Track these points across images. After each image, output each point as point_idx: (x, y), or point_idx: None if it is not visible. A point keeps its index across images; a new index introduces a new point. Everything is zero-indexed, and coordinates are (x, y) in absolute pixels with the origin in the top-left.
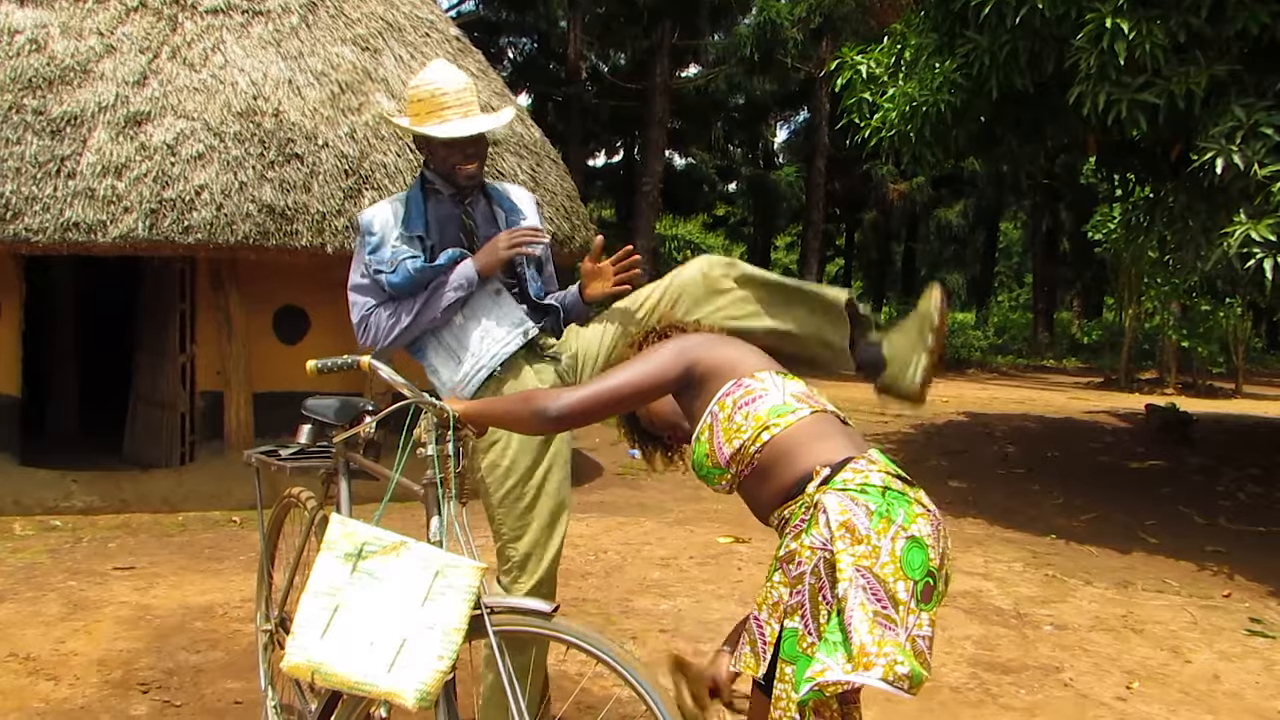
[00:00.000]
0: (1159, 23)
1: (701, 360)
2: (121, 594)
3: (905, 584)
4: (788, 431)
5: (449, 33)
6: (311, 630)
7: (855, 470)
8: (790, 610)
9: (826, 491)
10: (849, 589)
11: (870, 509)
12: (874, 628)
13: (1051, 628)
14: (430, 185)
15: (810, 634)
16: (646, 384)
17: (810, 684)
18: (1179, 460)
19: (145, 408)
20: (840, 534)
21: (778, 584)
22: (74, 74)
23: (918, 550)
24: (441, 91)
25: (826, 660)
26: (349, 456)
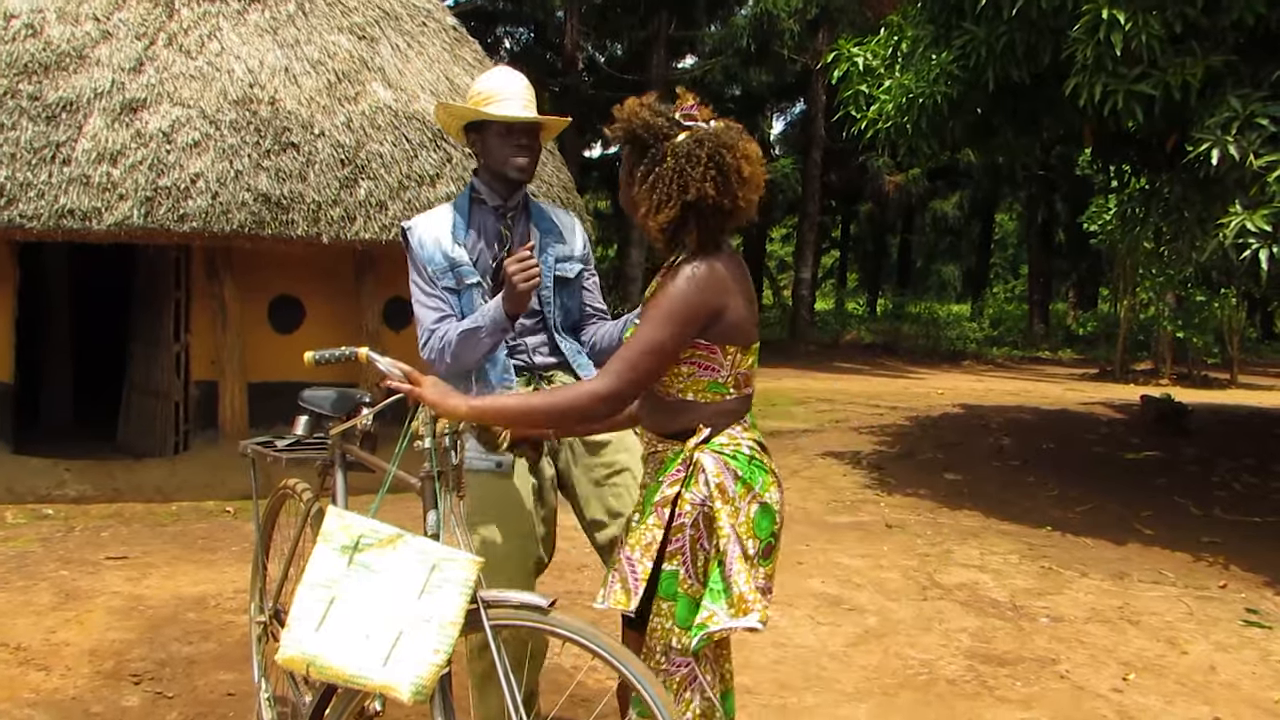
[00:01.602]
0: (1155, 14)
1: (720, 314)
2: (114, 584)
3: (754, 542)
4: (703, 400)
5: (446, 22)
6: (307, 622)
7: (730, 436)
8: (670, 555)
9: (705, 452)
10: (728, 545)
11: (737, 475)
12: (749, 579)
13: (1048, 620)
14: (477, 195)
15: (690, 577)
16: (686, 329)
17: (702, 631)
18: (1174, 451)
19: (139, 397)
20: (716, 494)
21: (651, 526)
22: (70, 60)
23: (766, 516)
24: (502, 85)
25: (712, 607)
26: (345, 448)
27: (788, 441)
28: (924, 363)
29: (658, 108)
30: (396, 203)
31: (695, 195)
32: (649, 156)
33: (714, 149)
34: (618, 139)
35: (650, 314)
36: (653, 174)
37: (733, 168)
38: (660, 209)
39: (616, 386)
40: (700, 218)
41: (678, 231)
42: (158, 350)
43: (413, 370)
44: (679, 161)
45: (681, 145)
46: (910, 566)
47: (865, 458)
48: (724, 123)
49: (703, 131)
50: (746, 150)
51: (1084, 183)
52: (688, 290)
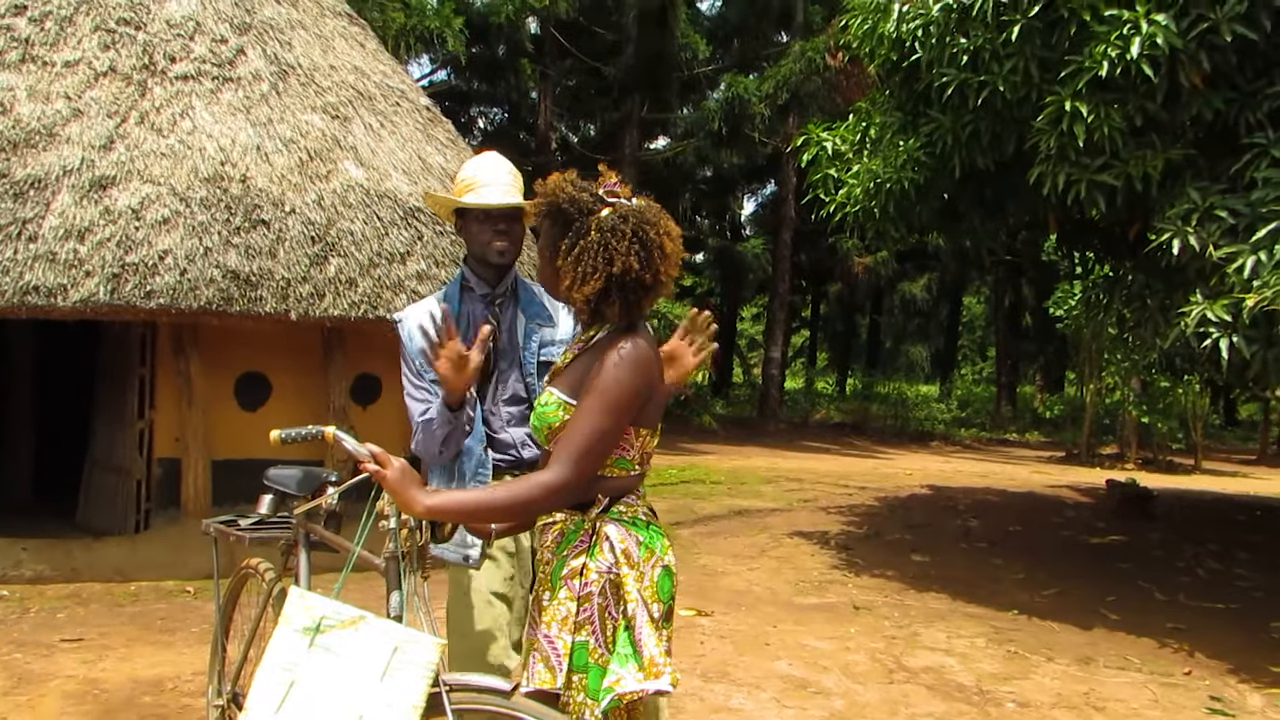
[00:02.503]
0: (1117, 107)
1: (654, 393)
2: (69, 667)
3: (659, 605)
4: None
5: (419, 102)
6: (265, 706)
7: (628, 504)
8: (579, 625)
9: (607, 521)
10: (636, 609)
11: (640, 540)
12: (659, 641)
13: (1014, 705)
14: (466, 283)
15: (600, 646)
16: (629, 415)
17: (610, 694)
18: (1140, 536)
19: (101, 474)
20: (621, 559)
21: (564, 600)
22: (39, 137)
23: (667, 579)
24: (481, 172)
25: (620, 671)
26: (309, 528)
27: (756, 520)
28: (892, 443)
29: (580, 184)
30: (366, 280)
31: (620, 268)
32: (574, 230)
33: (638, 224)
34: (540, 213)
35: (595, 402)
36: (578, 246)
37: (655, 243)
38: (586, 280)
39: (567, 478)
40: (623, 291)
41: (600, 304)
42: (121, 427)
43: (381, 451)
44: (604, 235)
45: (606, 220)
46: (877, 649)
47: (833, 538)
48: (645, 200)
49: (626, 208)
50: (668, 227)
51: (1050, 268)
52: (628, 376)
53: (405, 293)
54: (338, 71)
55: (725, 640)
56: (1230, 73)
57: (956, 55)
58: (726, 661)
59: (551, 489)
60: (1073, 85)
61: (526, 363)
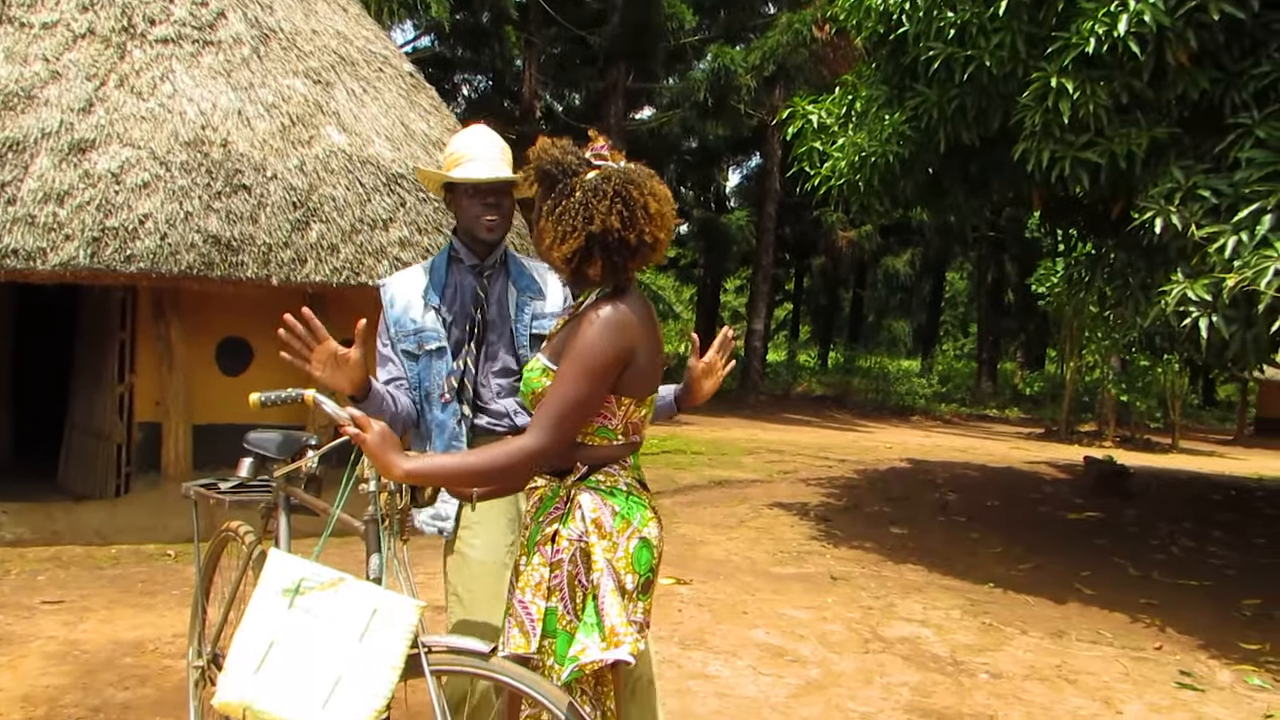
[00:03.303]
0: (1102, 84)
1: (632, 362)
2: (49, 628)
3: (633, 577)
4: (589, 443)
5: (402, 68)
6: (245, 666)
7: (607, 474)
8: (551, 591)
9: (583, 489)
10: (601, 579)
11: (615, 510)
12: (621, 611)
13: (987, 676)
14: (455, 254)
15: (568, 613)
16: (605, 380)
17: (573, 664)
18: (1115, 512)
19: (81, 437)
20: (592, 529)
21: (538, 565)
22: (17, 100)
23: (645, 550)
24: (469, 145)
25: (584, 640)
26: (289, 491)
27: (736, 491)
28: (873, 416)
29: (568, 147)
30: (348, 246)
31: (600, 227)
32: (557, 190)
33: (621, 184)
34: (529, 177)
35: (571, 368)
36: (560, 207)
37: (639, 203)
38: (565, 240)
39: (542, 444)
40: (605, 251)
41: (581, 264)
42: (101, 391)
43: (361, 415)
44: (586, 195)
45: (590, 181)
46: (854, 619)
47: (813, 509)
48: (633, 164)
49: (611, 169)
50: (654, 189)
51: (1033, 245)
52: (602, 342)
53: (387, 259)
54: (320, 36)
55: (703, 608)
56: (1217, 51)
57: (944, 29)
58: (704, 629)
59: (527, 453)
60: (1059, 61)
61: (519, 335)
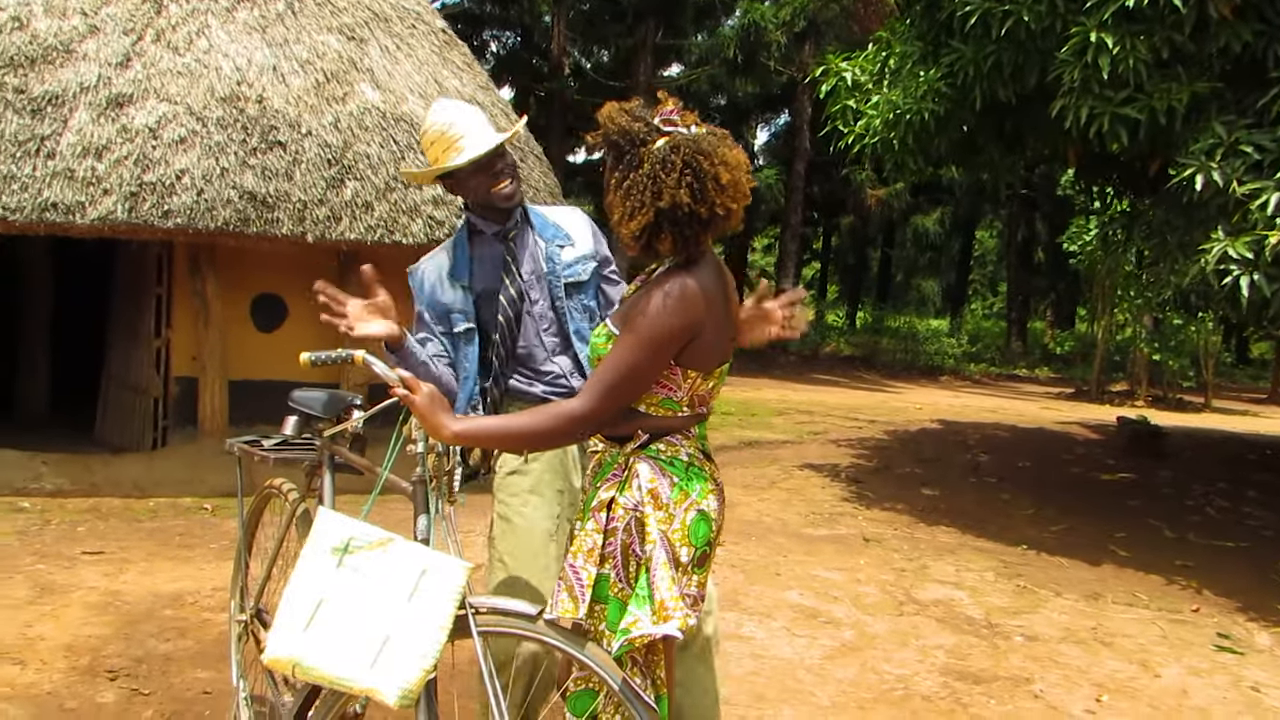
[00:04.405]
0: (1143, 38)
1: (698, 335)
2: (90, 579)
3: (688, 550)
4: (653, 413)
5: (435, 24)
6: (294, 623)
7: (668, 443)
8: (604, 557)
9: (641, 457)
10: (654, 550)
11: (674, 481)
12: (672, 585)
13: (1022, 638)
14: (474, 227)
15: (620, 581)
16: (664, 352)
17: (624, 636)
18: (1149, 473)
19: (118, 391)
20: (647, 499)
21: (591, 531)
22: (56, 53)
23: (703, 523)
24: (450, 123)
25: (636, 613)
26: (334, 450)
27: (767, 452)
28: (902, 376)
29: (637, 113)
30: (382, 204)
31: (669, 202)
32: (624, 162)
33: (690, 155)
34: (597, 145)
35: (629, 337)
36: (627, 180)
37: (709, 174)
38: (633, 216)
39: (594, 409)
40: (675, 225)
41: (651, 239)
42: (137, 345)
43: (410, 376)
44: (654, 167)
45: (658, 151)
46: (887, 581)
47: (844, 470)
48: (705, 128)
49: (681, 137)
50: (726, 156)
51: (1064, 203)
52: (664, 315)
53: (421, 217)
54: None
55: (736, 569)
56: (1260, 4)
57: None
58: (738, 590)
59: (574, 418)
60: (1099, 16)
61: (555, 288)
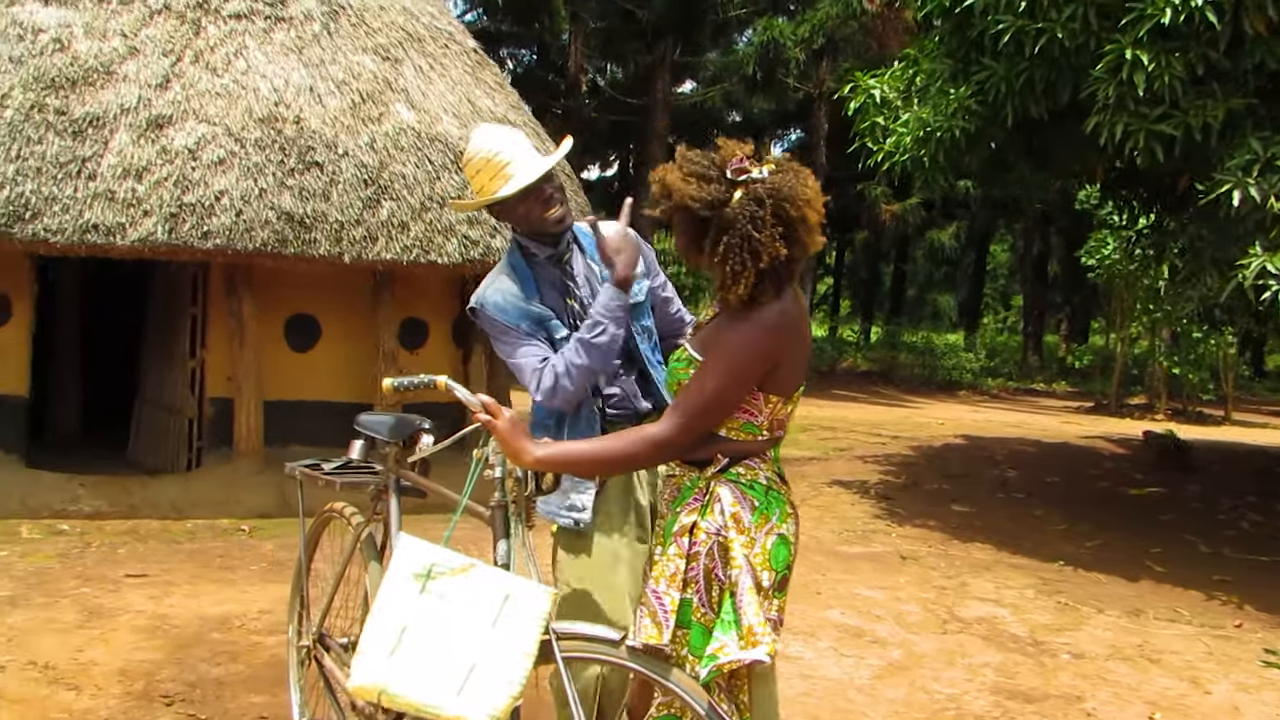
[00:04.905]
0: (1178, 55)
1: (781, 362)
2: (136, 602)
3: (770, 574)
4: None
5: (467, 44)
6: (379, 650)
7: (748, 466)
8: (686, 583)
9: (722, 481)
10: (740, 576)
11: (754, 505)
12: (758, 610)
13: (1069, 656)
14: (528, 251)
15: (703, 606)
16: (749, 381)
17: (712, 663)
18: (1177, 487)
19: (152, 411)
20: (731, 524)
21: (673, 556)
22: (97, 75)
23: (783, 547)
24: (496, 150)
25: (723, 638)
26: (400, 473)
27: (794, 469)
28: (920, 391)
29: (701, 165)
30: (418, 224)
31: (768, 260)
32: (712, 228)
33: (776, 204)
34: (667, 214)
35: (715, 364)
36: (720, 245)
37: (798, 219)
38: (737, 279)
39: (677, 436)
40: (774, 276)
41: (755, 294)
42: (172, 366)
43: (491, 401)
44: (743, 226)
45: (743, 209)
46: (928, 599)
47: (872, 487)
48: (773, 163)
49: (759, 188)
50: (807, 194)
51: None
52: (752, 344)
53: (456, 237)
54: (387, 12)
55: None
56: None
57: (1014, 1)
58: None
59: (657, 444)
60: (1134, 33)
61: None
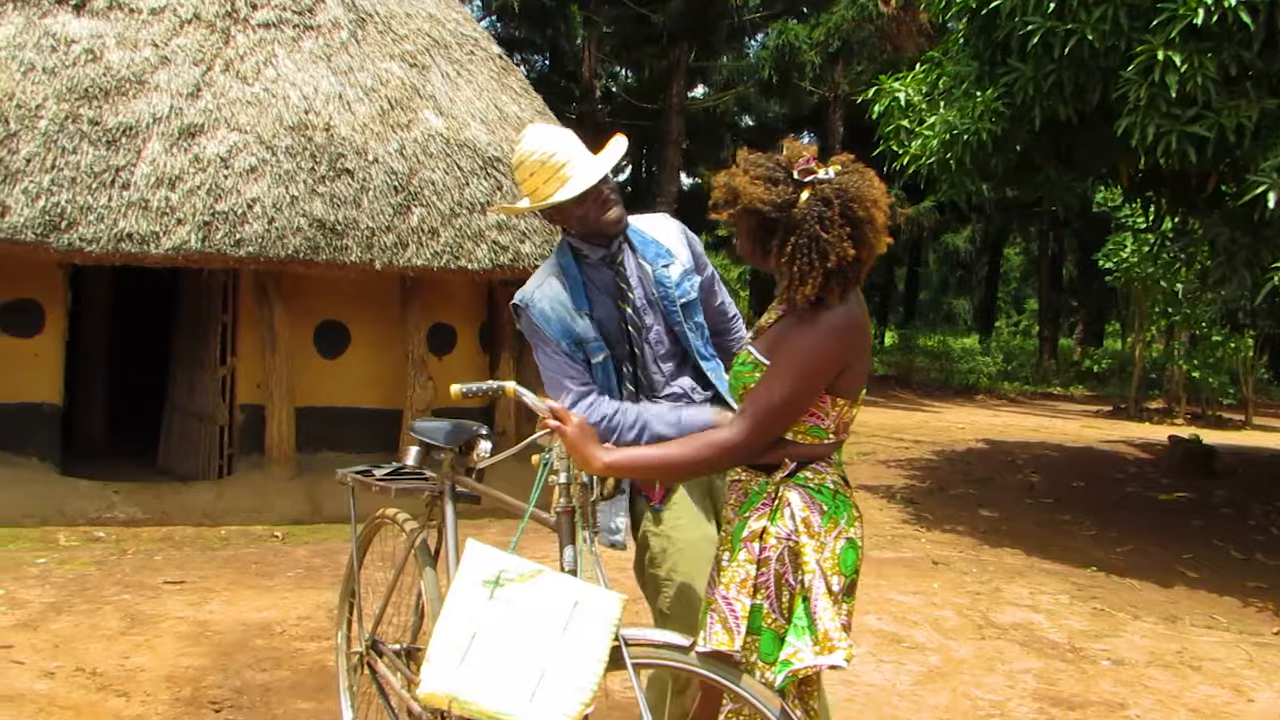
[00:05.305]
0: (1210, 56)
1: (849, 365)
2: (177, 609)
3: (839, 579)
4: (799, 440)
5: (492, 50)
6: (448, 657)
7: (816, 471)
8: (756, 588)
9: (791, 486)
10: (813, 580)
11: (823, 510)
12: (834, 616)
13: (1109, 663)
14: (580, 252)
15: (773, 611)
16: (819, 384)
17: (786, 668)
18: (1204, 493)
19: (182, 419)
20: (801, 528)
21: (743, 561)
22: (129, 84)
23: (852, 551)
24: (552, 152)
25: (797, 644)
26: (455, 479)
27: None
28: (937, 395)
29: (767, 167)
30: (448, 229)
31: (836, 260)
32: (780, 230)
33: (843, 204)
34: (735, 217)
35: (784, 368)
36: (788, 245)
37: (866, 219)
38: (804, 280)
39: (747, 439)
40: (841, 276)
41: (822, 294)
42: (202, 373)
43: (560, 407)
44: (811, 226)
45: (810, 209)
46: (963, 605)
47: (898, 492)
48: (839, 164)
49: (826, 188)
50: (874, 195)
51: (1095, 219)
52: (821, 346)
53: (485, 243)
54: (413, 19)
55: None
56: None
57: (1043, 3)
58: None
59: (726, 448)
60: (1165, 34)
61: (671, 312)
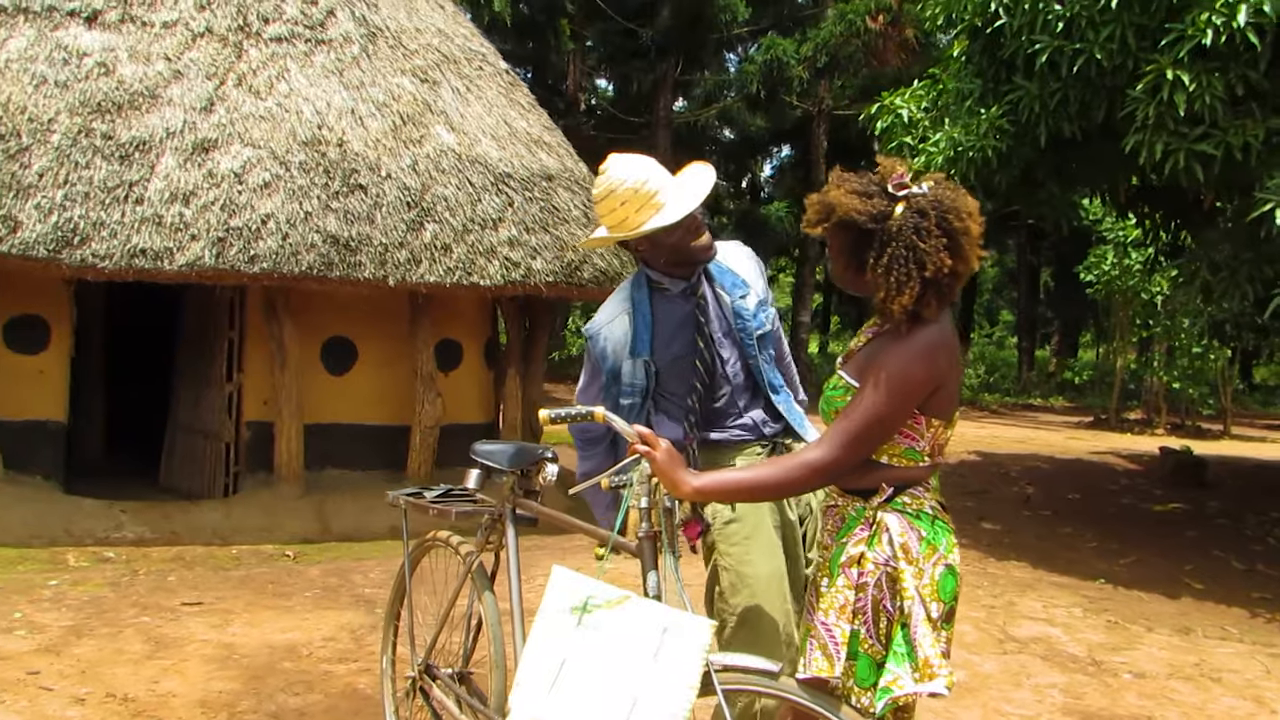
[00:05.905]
0: (1218, 75)
1: (942, 384)
2: (199, 631)
3: (939, 605)
4: (895, 464)
5: (499, 66)
6: (538, 685)
7: (913, 496)
8: (855, 613)
9: (889, 511)
10: (914, 607)
11: (921, 535)
12: (935, 643)
13: (1131, 676)
14: (658, 285)
15: (870, 637)
16: (910, 403)
17: (886, 695)
18: (1198, 504)
19: (185, 436)
20: (900, 554)
21: (842, 587)
22: (142, 99)
23: (951, 578)
24: (643, 180)
25: (897, 670)
26: (517, 502)
27: None
28: None
29: (867, 187)
30: (460, 245)
31: (933, 270)
32: (877, 241)
33: (939, 216)
34: (827, 233)
35: (875, 388)
36: (885, 256)
37: (962, 230)
38: (901, 290)
39: (837, 460)
40: (937, 288)
41: (919, 307)
42: (207, 390)
43: (648, 432)
44: (908, 236)
45: (906, 220)
46: (979, 618)
47: None
48: (932, 179)
49: (921, 200)
50: (969, 207)
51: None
52: (913, 366)
53: (497, 259)
54: (423, 34)
55: None
56: None
57: (1050, 22)
58: None
59: (815, 469)
60: (1173, 53)
61: (747, 345)
